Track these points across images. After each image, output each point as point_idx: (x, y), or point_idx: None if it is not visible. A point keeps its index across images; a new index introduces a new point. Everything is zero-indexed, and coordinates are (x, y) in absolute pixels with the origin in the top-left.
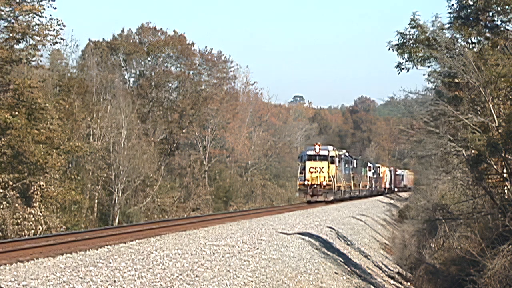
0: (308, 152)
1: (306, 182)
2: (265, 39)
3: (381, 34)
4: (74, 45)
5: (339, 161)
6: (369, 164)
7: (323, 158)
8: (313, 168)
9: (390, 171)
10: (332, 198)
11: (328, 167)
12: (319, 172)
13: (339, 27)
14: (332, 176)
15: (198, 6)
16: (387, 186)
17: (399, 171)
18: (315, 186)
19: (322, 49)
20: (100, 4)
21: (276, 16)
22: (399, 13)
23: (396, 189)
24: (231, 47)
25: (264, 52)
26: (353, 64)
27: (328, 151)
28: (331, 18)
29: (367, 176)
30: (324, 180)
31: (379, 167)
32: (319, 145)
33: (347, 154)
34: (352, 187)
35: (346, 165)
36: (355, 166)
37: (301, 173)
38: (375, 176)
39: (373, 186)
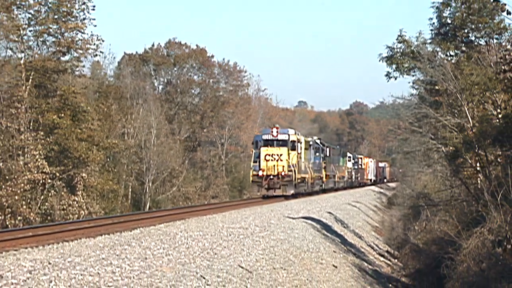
0: (264, 137)
1: (260, 173)
2: (274, 51)
3: (372, 46)
4: (111, 57)
5: (304, 148)
6: (348, 154)
7: (282, 143)
8: (269, 155)
9: (373, 163)
10: (292, 191)
11: (288, 154)
12: (277, 160)
13: (337, 40)
14: (293, 165)
15: (217, 23)
16: (370, 177)
17: (381, 164)
18: (272, 177)
19: (323, 60)
20: (134, 22)
21: (285, 32)
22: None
23: (378, 181)
24: (245, 58)
25: (273, 62)
26: (349, 73)
27: (288, 135)
28: (330, 32)
29: (346, 166)
30: (283, 169)
31: (360, 158)
32: (277, 128)
33: (318, 141)
34: (324, 179)
35: (317, 154)
36: (328, 154)
37: (255, 161)
38: (355, 167)
39: (353, 177)
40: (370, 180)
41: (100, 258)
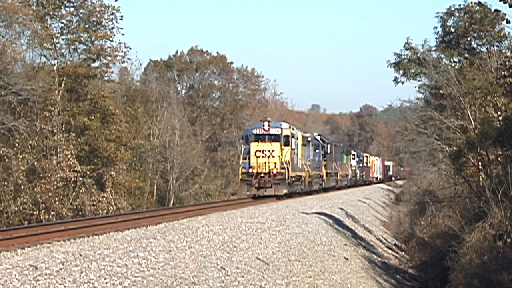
0: (255, 131)
1: (250, 171)
2: (290, 58)
3: (380, 53)
4: (138, 63)
5: (301, 144)
6: (353, 152)
7: (274, 138)
8: (260, 151)
9: (379, 161)
10: (285, 191)
11: (281, 150)
12: (268, 157)
13: (348, 47)
14: (286, 162)
15: (236, 32)
16: (376, 176)
17: (387, 162)
18: (263, 175)
19: (334, 66)
20: (159, 31)
21: (300, 39)
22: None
23: (385, 179)
24: (262, 64)
25: (289, 68)
26: (359, 78)
27: (281, 129)
28: (341, 40)
29: (349, 164)
30: (275, 167)
31: (366, 156)
32: (269, 122)
33: (318, 137)
34: (325, 177)
35: (317, 150)
36: (328, 151)
37: (244, 158)
38: (360, 165)
39: (358, 175)
40: (376, 178)
41: (127, 250)
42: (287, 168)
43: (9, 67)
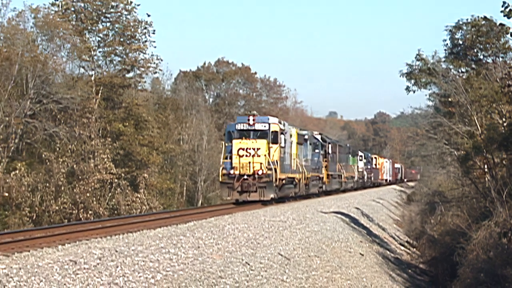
0: (238, 126)
1: (232, 172)
2: (309, 67)
3: (393, 62)
4: (169, 74)
5: (297, 142)
6: (359, 153)
7: (261, 134)
8: (243, 149)
9: (389, 163)
10: (272, 195)
11: (268, 148)
12: (253, 156)
13: (363, 57)
14: (274, 161)
15: (260, 44)
16: (386, 178)
17: (397, 165)
18: (246, 177)
19: (351, 75)
20: (188, 43)
21: (319, 51)
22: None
23: (395, 181)
24: (283, 73)
25: (308, 77)
26: (373, 86)
27: (268, 124)
28: (356, 50)
29: (356, 166)
30: (261, 167)
31: (375, 157)
32: (254, 115)
33: (318, 136)
34: (325, 179)
35: (316, 150)
36: (330, 151)
37: (226, 157)
38: (368, 167)
39: (366, 177)
40: (386, 180)
41: (159, 246)
42: (275, 169)
43: (51, 77)
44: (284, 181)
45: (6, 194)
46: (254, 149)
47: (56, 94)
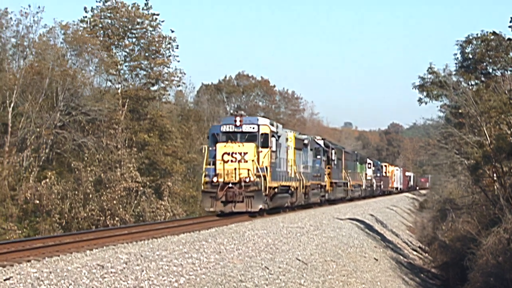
0: (223, 128)
1: (216, 180)
2: (326, 79)
3: (405, 75)
4: (191, 87)
5: (294, 147)
6: (368, 161)
7: (249, 137)
8: (228, 154)
9: (400, 171)
10: (261, 206)
11: (257, 152)
12: (239, 162)
13: (377, 70)
14: (264, 168)
15: (278, 58)
16: (396, 186)
17: (408, 173)
18: (231, 186)
19: (365, 87)
20: (210, 58)
21: (335, 63)
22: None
23: (405, 189)
24: (302, 86)
25: (324, 88)
26: (387, 98)
27: (258, 125)
28: (371, 63)
29: (364, 173)
30: (248, 175)
31: (385, 165)
32: (241, 116)
33: (320, 141)
34: (328, 187)
35: (318, 156)
36: (333, 158)
37: (209, 163)
38: (378, 174)
39: (375, 185)
40: (396, 188)
41: (182, 251)
42: (264, 176)
43: (80, 90)
44: (276, 190)
45: (37, 202)
46: (240, 153)
47: (84, 106)
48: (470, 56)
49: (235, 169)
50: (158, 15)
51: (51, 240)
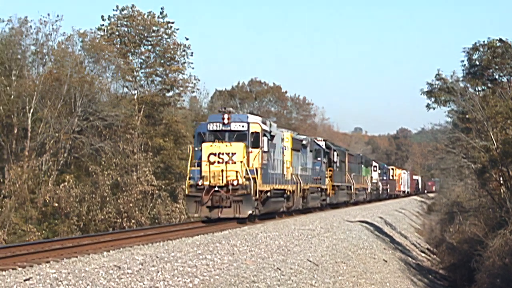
0: (210, 126)
1: (201, 183)
2: (336, 85)
3: (413, 81)
4: (205, 93)
5: (292, 148)
6: (374, 164)
7: (238, 136)
8: (214, 155)
9: (407, 174)
10: (250, 211)
11: (246, 153)
12: (227, 163)
13: (387, 77)
14: (254, 170)
15: (290, 64)
16: (403, 189)
17: (415, 176)
18: (217, 189)
19: (374, 93)
20: (223, 64)
21: (345, 69)
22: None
23: (413, 193)
24: (313, 91)
25: (335, 94)
26: (395, 103)
27: (248, 123)
28: (380, 70)
29: (370, 177)
30: (236, 177)
31: (392, 169)
32: (229, 113)
33: (321, 143)
34: (330, 190)
35: (318, 158)
36: (335, 160)
37: (193, 165)
38: (384, 178)
39: (381, 189)
40: (404, 192)
41: (197, 253)
42: (254, 179)
43: (97, 96)
44: (269, 194)
45: (56, 204)
46: (228, 154)
47: (101, 112)
48: (477, 63)
49: (222, 171)
50: (173, 23)
51: (69, 242)
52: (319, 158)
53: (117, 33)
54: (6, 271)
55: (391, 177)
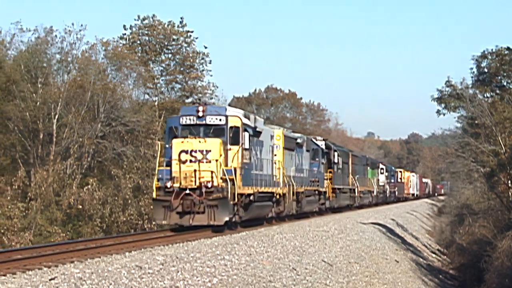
0: (183, 120)
1: (170, 185)
2: (349, 91)
3: (424, 88)
4: (223, 99)
5: (283, 147)
6: (381, 166)
7: (215, 131)
8: (186, 152)
9: (416, 177)
10: (227, 218)
11: (224, 150)
12: (200, 162)
13: (398, 83)
14: (232, 169)
15: (305, 71)
16: (412, 192)
17: (425, 179)
18: (189, 192)
19: (387, 99)
20: (241, 71)
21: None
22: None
23: (422, 195)
24: (327, 97)
25: (348, 100)
26: (407, 109)
27: (226, 117)
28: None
29: (376, 179)
30: (211, 178)
31: (400, 171)
32: (204, 105)
33: (320, 142)
34: (330, 194)
35: (316, 159)
36: (336, 161)
37: (162, 164)
38: (392, 180)
39: (388, 191)
40: (413, 194)
41: (215, 254)
42: (232, 180)
43: (119, 103)
44: (252, 197)
45: (80, 207)
46: (202, 151)
47: (123, 118)
48: (486, 70)
49: (194, 171)
50: (192, 32)
51: (92, 243)
52: (317, 159)
53: (138, 42)
54: (33, 271)
55: (399, 180)
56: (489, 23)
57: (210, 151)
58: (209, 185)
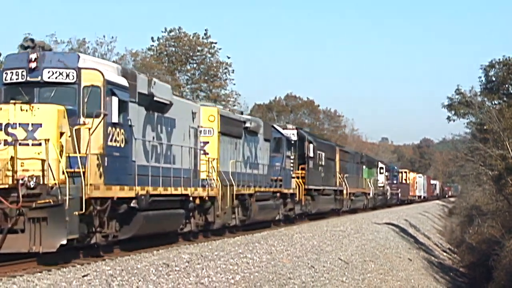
0: (6, 75)
1: None
2: (365, 97)
3: (434, 95)
4: (245, 106)
5: (225, 134)
6: (380, 165)
7: (57, 93)
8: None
9: (423, 178)
10: (63, 240)
11: (69, 126)
12: (20, 144)
13: (411, 90)
14: (88, 158)
15: (323, 80)
16: (419, 194)
17: (433, 181)
18: None
19: (400, 106)
20: (262, 80)
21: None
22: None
23: (430, 197)
24: (342, 103)
25: (363, 105)
26: (419, 115)
27: (77, 69)
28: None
29: (374, 179)
30: (44, 172)
31: (404, 172)
32: (39, 50)
33: (290, 131)
34: (300, 196)
35: (280, 151)
36: (311, 155)
37: None
38: (394, 181)
39: (389, 193)
40: (419, 196)
41: (238, 252)
42: (83, 174)
43: None
44: (135, 204)
45: None
46: (25, 126)
47: None
48: (493, 79)
49: (11, 159)
50: (216, 43)
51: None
52: (281, 151)
53: (165, 52)
54: (67, 268)
55: (403, 181)
56: (498, 32)
57: (40, 125)
58: (32, 183)
